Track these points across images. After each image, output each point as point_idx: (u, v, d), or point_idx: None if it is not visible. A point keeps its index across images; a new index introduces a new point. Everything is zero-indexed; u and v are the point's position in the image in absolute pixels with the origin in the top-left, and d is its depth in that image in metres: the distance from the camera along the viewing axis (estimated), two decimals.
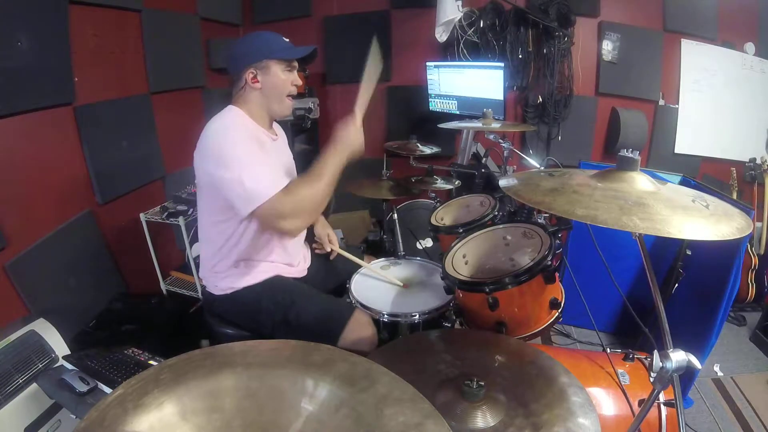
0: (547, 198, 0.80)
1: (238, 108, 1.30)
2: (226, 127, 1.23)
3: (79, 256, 1.94)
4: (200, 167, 1.23)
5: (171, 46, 2.50)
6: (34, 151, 1.76)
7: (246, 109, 1.31)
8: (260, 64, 1.27)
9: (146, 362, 1.28)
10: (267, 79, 1.28)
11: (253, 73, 1.27)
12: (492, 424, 0.84)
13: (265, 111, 1.34)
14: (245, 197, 1.13)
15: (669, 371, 0.72)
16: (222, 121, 1.26)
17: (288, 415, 0.63)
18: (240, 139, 1.21)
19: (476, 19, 2.83)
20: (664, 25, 2.87)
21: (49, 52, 1.76)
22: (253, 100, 1.31)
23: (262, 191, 1.12)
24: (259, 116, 1.33)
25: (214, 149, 1.19)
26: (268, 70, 1.28)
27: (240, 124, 1.27)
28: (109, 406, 0.60)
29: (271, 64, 1.27)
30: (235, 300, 1.37)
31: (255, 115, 1.32)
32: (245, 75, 1.27)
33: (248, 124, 1.30)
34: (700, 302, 1.74)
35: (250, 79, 1.28)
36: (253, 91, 1.30)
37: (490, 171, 2.33)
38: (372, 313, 1.36)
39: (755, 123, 2.92)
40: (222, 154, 1.17)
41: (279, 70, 1.29)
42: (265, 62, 1.27)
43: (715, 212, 0.75)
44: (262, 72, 1.28)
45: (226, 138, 1.20)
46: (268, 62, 1.27)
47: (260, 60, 1.26)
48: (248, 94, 1.30)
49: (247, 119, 1.30)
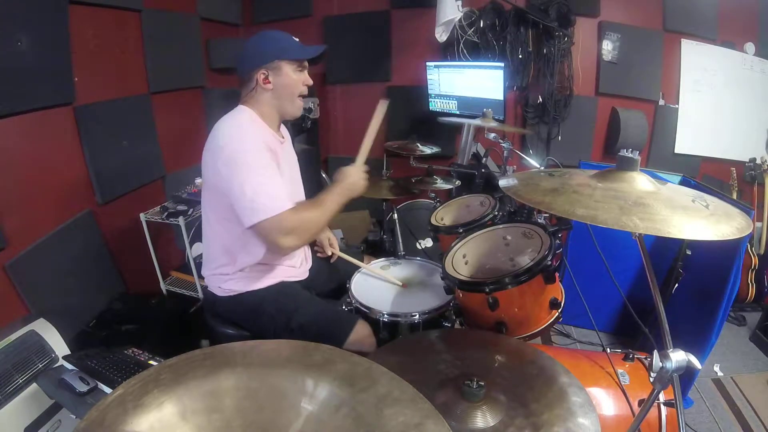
0: (547, 198, 0.80)
1: (250, 109, 1.29)
2: (240, 130, 1.22)
3: (79, 256, 1.94)
4: (210, 165, 1.22)
5: (171, 46, 2.50)
6: (34, 151, 1.76)
7: (257, 110, 1.30)
8: (272, 65, 1.26)
9: (146, 362, 1.28)
10: (279, 79, 1.28)
11: (264, 74, 1.26)
12: (492, 424, 0.84)
13: (276, 112, 1.34)
14: (251, 208, 1.13)
15: (669, 371, 0.72)
16: (235, 122, 1.25)
17: (288, 415, 0.63)
18: (253, 146, 1.19)
19: (476, 19, 2.83)
20: (664, 25, 2.87)
21: (49, 52, 1.76)
22: (264, 101, 1.30)
23: (269, 205, 1.13)
24: (270, 117, 1.33)
25: (226, 151, 1.18)
26: (279, 70, 1.27)
27: (253, 129, 1.25)
28: (109, 406, 0.60)
29: (282, 64, 1.27)
30: (237, 303, 1.37)
31: (265, 116, 1.31)
32: (256, 76, 1.26)
33: (260, 128, 1.29)
34: (700, 302, 1.74)
35: (262, 80, 1.27)
36: (264, 92, 1.29)
37: (490, 171, 2.33)
38: (372, 313, 1.36)
39: (755, 123, 2.92)
40: (234, 159, 1.16)
41: (290, 70, 1.28)
42: (276, 63, 1.26)
43: (715, 212, 0.75)
44: (274, 73, 1.27)
45: (241, 143, 1.19)
46: (280, 63, 1.26)
47: (272, 60, 1.26)
48: (260, 95, 1.30)
49: (258, 121, 1.29)
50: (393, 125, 3.28)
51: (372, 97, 3.23)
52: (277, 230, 1.14)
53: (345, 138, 3.46)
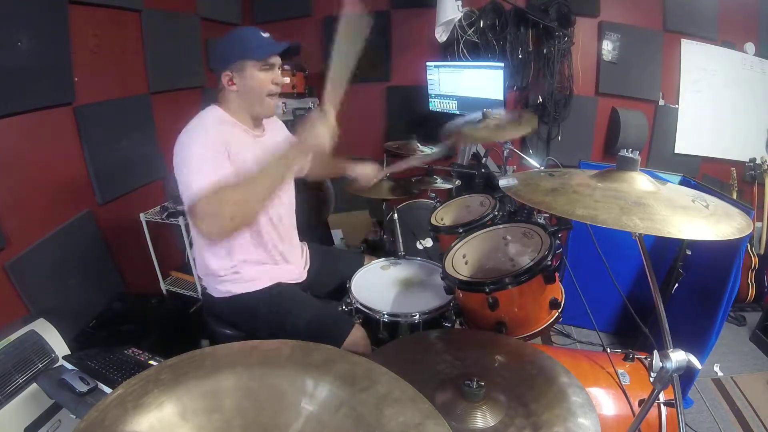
0: (547, 198, 0.80)
1: (220, 107, 1.28)
2: (196, 131, 1.20)
3: (79, 256, 1.94)
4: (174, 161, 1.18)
5: (171, 46, 2.50)
6: (34, 151, 1.76)
7: (227, 108, 1.29)
8: (235, 66, 1.23)
9: (146, 362, 1.28)
10: (243, 81, 1.25)
11: (228, 76, 1.24)
12: (492, 424, 0.84)
13: (246, 112, 1.31)
14: (186, 195, 1.09)
15: (669, 371, 0.72)
16: (196, 121, 1.23)
17: (288, 415, 0.63)
18: (202, 140, 1.16)
19: (476, 19, 2.83)
20: (664, 25, 2.87)
21: (49, 52, 1.76)
22: (232, 101, 1.28)
23: (195, 189, 1.04)
24: (241, 116, 1.31)
25: (177, 147, 1.17)
26: (243, 71, 1.24)
27: (215, 130, 1.21)
28: (109, 406, 0.60)
29: (246, 64, 1.23)
30: (233, 304, 1.37)
31: (237, 114, 1.30)
32: (222, 78, 1.25)
33: (227, 127, 1.26)
34: (700, 302, 1.74)
35: (227, 82, 1.25)
36: (231, 93, 1.27)
37: (490, 171, 2.33)
38: (372, 313, 1.36)
39: (755, 123, 2.92)
40: (180, 151, 1.15)
41: (255, 70, 1.24)
42: (239, 63, 1.23)
43: (715, 212, 0.75)
44: (238, 74, 1.24)
45: (190, 138, 1.17)
46: (243, 63, 1.23)
47: (235, 61, 1.23)
48: (227, 95, 1.28)
49: (227, 119, 1.27)
50: (393, 125, 3.29)
51: (372, 97, 3.25)
52: (195, 217, 1.01)
53: (345, 138, 3.44)
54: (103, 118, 2.05)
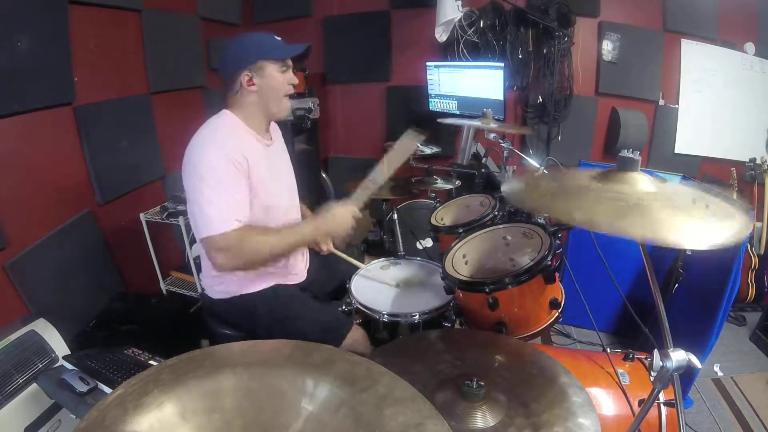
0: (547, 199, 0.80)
1: (233, 113, 1.28)
2: (212, 142, 1.20)
3: (79, 256, 1.94)
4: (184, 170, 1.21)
5: (171, 46, 2.50)
6: (34, 151, 1.76)
7: (241, 113, 1.28)
8: (255, 66, 1.23)
9: (146, 362, 1.29)
10: (263, 80, 1.25)
11: (248, 76, 1.24)
12: (492, 424, 0.84)
13: (263, 114, 1.31)
14: (202, 222, 1.13)
15: (669, 370, 0.72)
16: (210, 132, 1.23)
17: (288, 415, 0.63)
18: (221, 159, 1.16)
19: (476, 19, 2.83)
20: (664, 25, 2.87)
21: (49, 52, 1.76)
22: (250, 104, 1.28)
23: (216, 223, 1.11)
24: (256, 120, 1.30)
25: (195, 161, 1.17)
26: (263, 71, 1.24)
27: (229, 140, 1.22)
28: (109, 406, 0.60)
29: (265, 64, 1.24)
30: (232, 305, 1.37)
31: (251, 118, 1.29)
32: (240, 78, 1.24)
33: (241, 135, 1.26)
34: (700, 302, 1.74)
35: (246, 82, 1.24)
36: (249, 94, 1.26)
37: (490, 171, 2.33)
38: (372, 313, 1.36)
39: (755, 123, 2.92)
40: (199, 171, 1.16)
41: (274, 70, 1.25)
42: (259, 63, 1.24)
43: (715, 213, 0.74)
44: (258, 74, 1.24)
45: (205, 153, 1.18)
46: (263, 63, 1.24)
47: (254, 61, 1.23)
48: (245, 98, 1.27)
49: (241, 126, 1.27)
50: (393, 125, 3.29)
51: (372, 97, 3.25)
52: (213, 247, 1.13)
53: (345, 138, 3.46)
54: (103, 118, 2.05)
